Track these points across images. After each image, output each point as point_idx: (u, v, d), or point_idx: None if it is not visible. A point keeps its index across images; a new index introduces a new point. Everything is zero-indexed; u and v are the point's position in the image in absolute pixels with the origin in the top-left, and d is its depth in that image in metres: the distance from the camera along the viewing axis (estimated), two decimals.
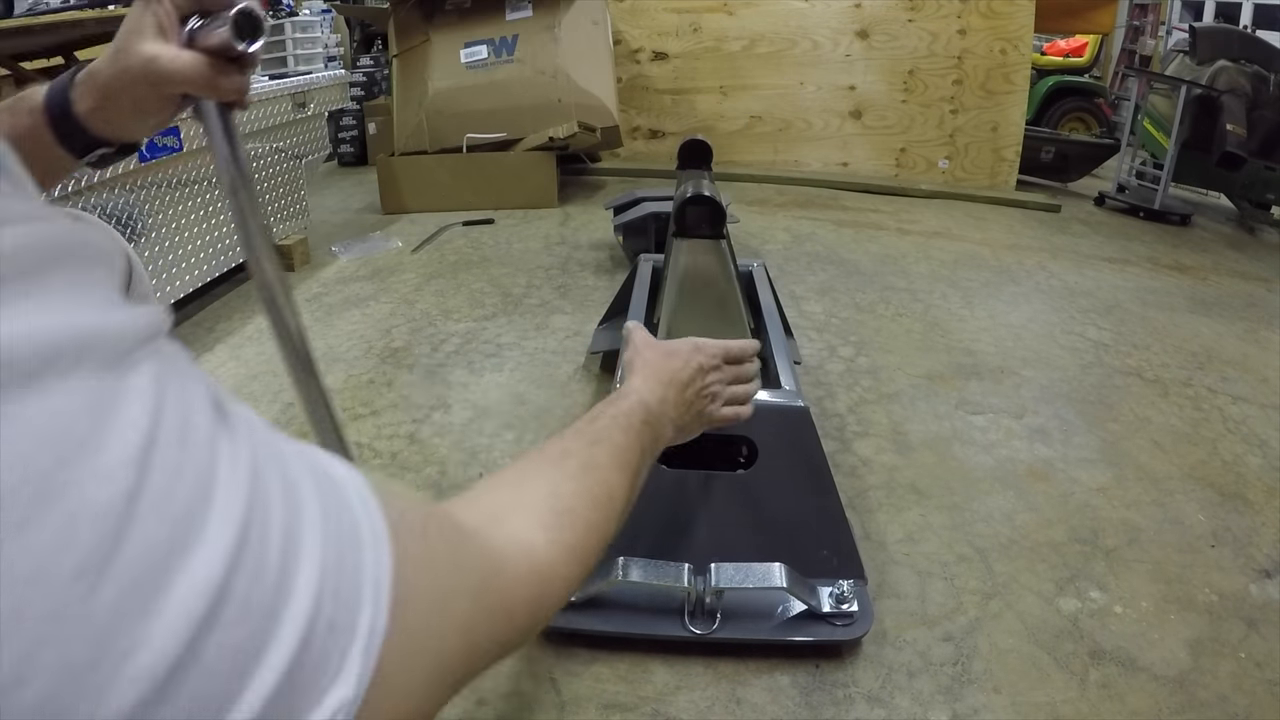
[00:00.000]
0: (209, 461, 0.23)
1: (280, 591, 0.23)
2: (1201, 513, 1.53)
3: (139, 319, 0.23)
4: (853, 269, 2.81)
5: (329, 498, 0.28)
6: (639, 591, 1.17)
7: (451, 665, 0.33)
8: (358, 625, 0.26)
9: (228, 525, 0.22)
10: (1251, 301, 2.79)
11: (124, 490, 0.19)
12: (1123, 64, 7.31)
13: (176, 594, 0.20)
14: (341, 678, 0.25)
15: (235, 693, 0.22)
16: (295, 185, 2.78)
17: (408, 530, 0.31)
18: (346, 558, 0.26)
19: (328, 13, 5.20)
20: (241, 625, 0.22)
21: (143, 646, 0.19)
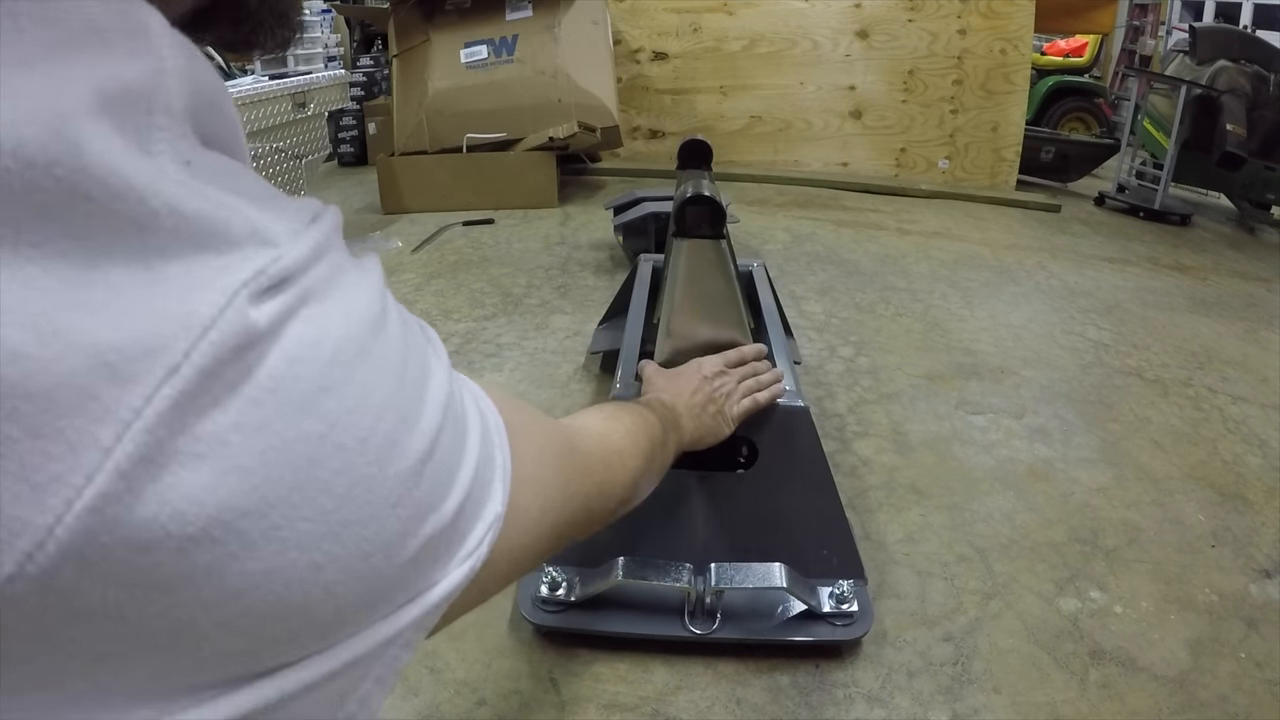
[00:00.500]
0: (420, 334, 0.34)
1: (464, 417, 0.34)
2: (1201, 513, 1.53)
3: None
4: (853, 269, 2.81)
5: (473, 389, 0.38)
6: (639, 591, 1.17)
7: (554, 499, 0.44)
8: (497, 459, 0.36)
9: (442, 363, 0.34)
10: (1251, 301, 2.79)
11: (401, 334, 0.31)
12: (1123, 64, 7.32)
13: (431, 390, 0.31)
14: (492, 496, 0.35)
15: (456, 472, 0.32)
16: (295, 185, 2.78)
17: (508, 406, 0.40)
18: (483, 411, 0.36)
19: (328, 13, 5.19)
20: (455, 426, 0.32)
21: (425, 414, 0.30)
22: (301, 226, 0.28)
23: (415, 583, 0.30)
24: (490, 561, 0.35)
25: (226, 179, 0.26)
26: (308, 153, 2.85)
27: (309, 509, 0.25)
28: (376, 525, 0.27)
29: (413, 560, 0.29)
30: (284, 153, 2.68)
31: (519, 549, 0.40)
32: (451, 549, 0.32)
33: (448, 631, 1.19)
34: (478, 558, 0.34)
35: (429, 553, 0.30)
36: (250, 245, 0.25)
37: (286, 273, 0.26)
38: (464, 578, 0.33)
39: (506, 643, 1.18)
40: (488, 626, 1.20)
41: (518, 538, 0.39)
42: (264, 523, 0.24)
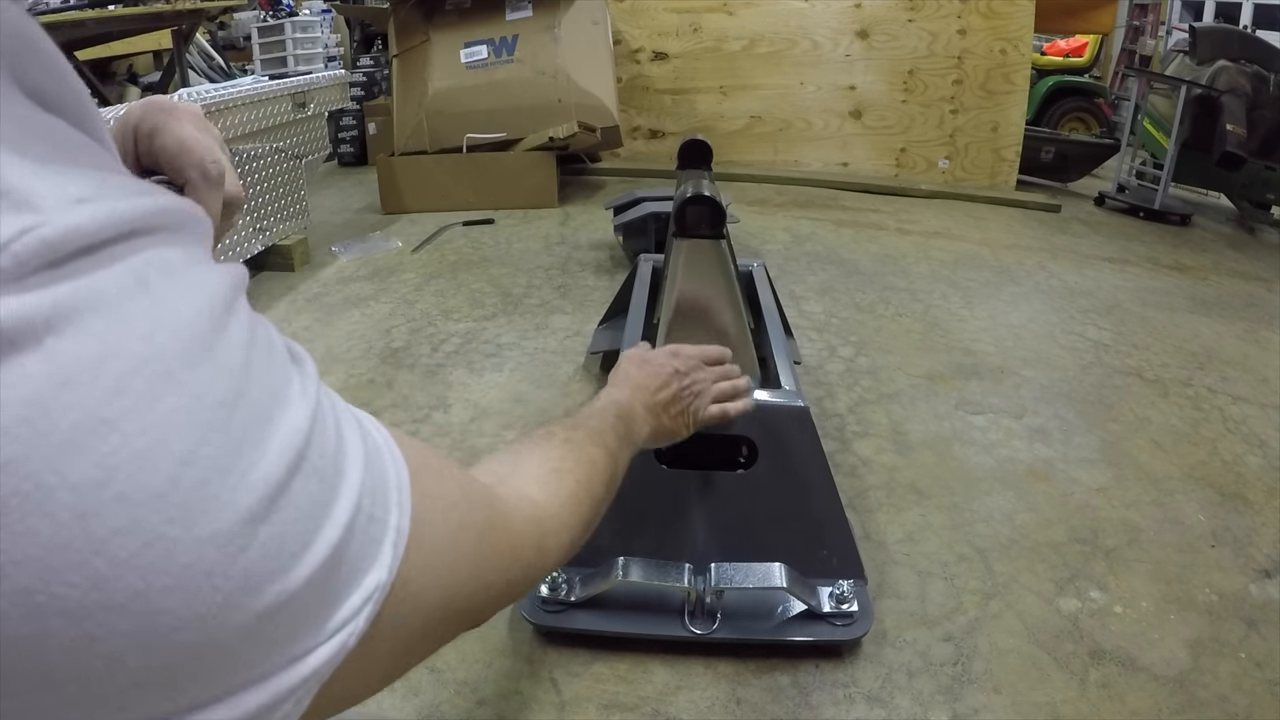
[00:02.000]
0: (284, 362, 0.29)
1: (338, 467, 0.29)
2: (1201, 513, 1.53)
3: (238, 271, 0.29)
4: (853, 269, 2.81)
5: (356, 414, 0.33)
6: (639, 591, 1.17)
7: (461, 590, 0.37)
8: (389, 521, 0.31)
9: (305, 400, 0.28)
10: (1251, 301, 2.79)
11: (242, 360, 0.25)
12: (1123, 64, 7.31)
13: (278, 434, 0.26)
14: (377, 564, 0.30)
15: (312, 535, 0.26)
16: (295, 185, 2.78)
17: (424, 466, 0.35)
18: (374, 464, 0.31)
19: (328, 13, 5.20)
20: (316, 479, 0.27)
21: (259, 464, 0.25)
22: (95, 195, 0.22)
23: (258, 658, 0.25)
24: (371, 641, 0.30)
25: (19, 138, 0.22)
26: (308, 153, 2.85)
27: (74, 573, 0.21)
28: (181, 598, 0.22)
29: (245, 636, 0.24)
30: (284, 153, 2.68)
31: (411, 633, 0.33)
32: (311, 619, 0.27)
33: None
34: (350, 633, 0.28)
35: (274, 626, 0.25)
36: (1, 208, 0.20)
37: (48, 249, 0.20)
38: (331, 655, 0.28)
39: (506, 643, 1.18)
40: (488, 626, 1.20)
41: (410, 618, 0.33)
42: (7, 585, 0.20)
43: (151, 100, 0.46)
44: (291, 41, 4.81)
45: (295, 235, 2.76)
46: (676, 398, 0.93)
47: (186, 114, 0.47)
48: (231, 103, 2.36)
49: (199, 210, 0.27)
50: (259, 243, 2.59)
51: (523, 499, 0.48)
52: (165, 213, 0.25)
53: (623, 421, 0.77)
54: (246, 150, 2.49)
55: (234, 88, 2.52)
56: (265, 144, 2.57)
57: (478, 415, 1.79)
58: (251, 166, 2.54)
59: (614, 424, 0.74)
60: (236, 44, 5.39)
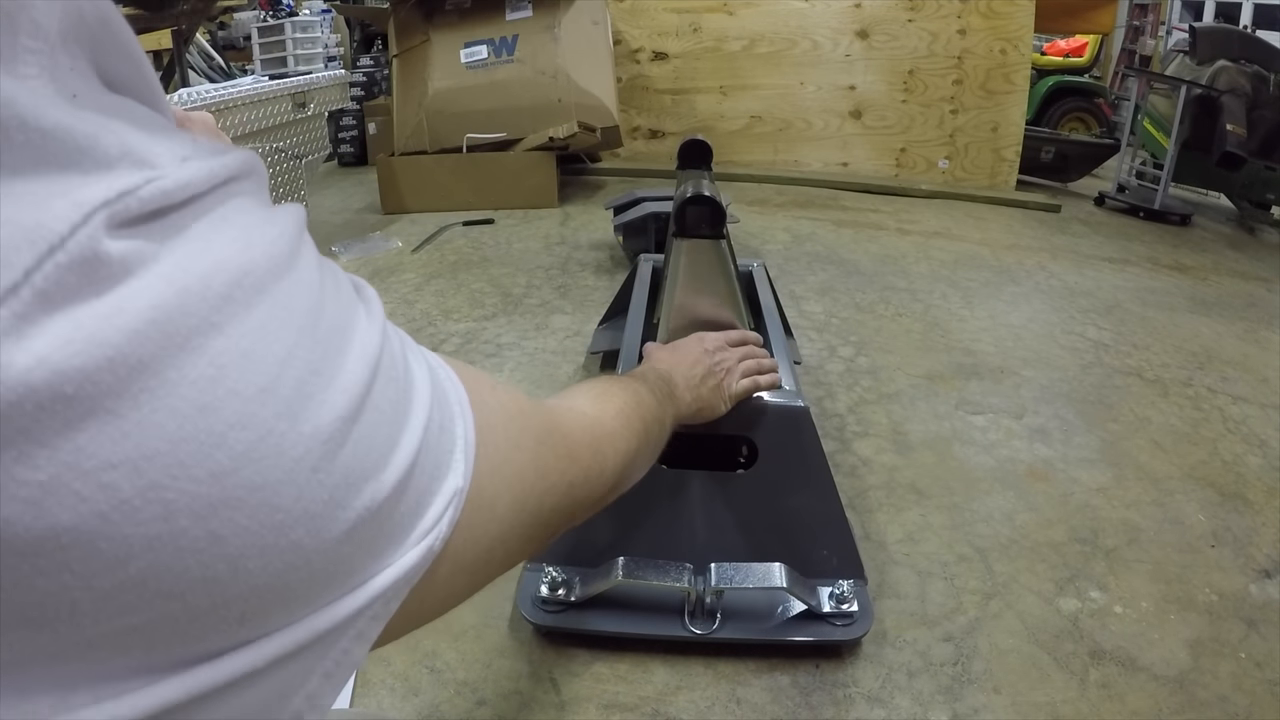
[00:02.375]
0: (348, 287, 0.31)
1: (409, 378, 0.31)
2: (1201, 513, 1.53)
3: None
4: (853, 269, 2.81)
5: (410, 340, 0.34)
6: (639, 591, 1.17)
7: (530, 494, 0.39)
8: (455, 430, 0.33)
9: (373, 318, 0.30)
10: (1251, 301, 2.79)
11: (317, 280, 0.28)
12: (1123, 64, 7.31)
13: (356, 343, 0.28)
14: (452, 471, 0.32)
15: (395, 437, 0.28)
16: (295, 185, 2.78)
17: (477, 381, 0.37)
18: (436, 380, 0.33)
19: (328, 13, 5.19)
20: (393, 386, 0.29)
21: (345, 368, 0.27)
22: (194, 154, 0.25)
23: (358, 564, 0.27)
24: (454, 547, 0.32)
25: (116, 110, 0.24)
26: (308, 153, 2.85)
27: (199, 467, 0.22)
28: (293, 492, 0.24)
29: (348, 536, 0.26)
30: (284, 153, 2.68)
31: (490, 538, 0.36)
32: (401, 525, 0.29)
33: (448, 631, 1.19)
34: (436, 537, 0.30)
35: (371, 529, 0.27)
36: (123, 165, 0.22)
37: (166, 197, 0.23)
38: (420, 559, 0.29)
39: (506, 643, 1.18)
40: (488, 626, 1.20)
41: (486, 525, 0.35)
42: (139, 480, 0.21)
43: None
44: (291, 41, 4.81)
45: None
46: (710, 372, 0.96)
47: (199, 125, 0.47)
48: (231, 103, 2.36)
49: (260, 161, 0.29)
50: None
51: (575, 409, 0.52)
52: (244, 164, 0.27)
53: (664, 382, 0.78)
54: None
55: (234, 88, 2.52)
56: (265, 144, 2.57)
57: None
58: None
59: (655, 382, 0.75)
60: (236, 44, 5.39)
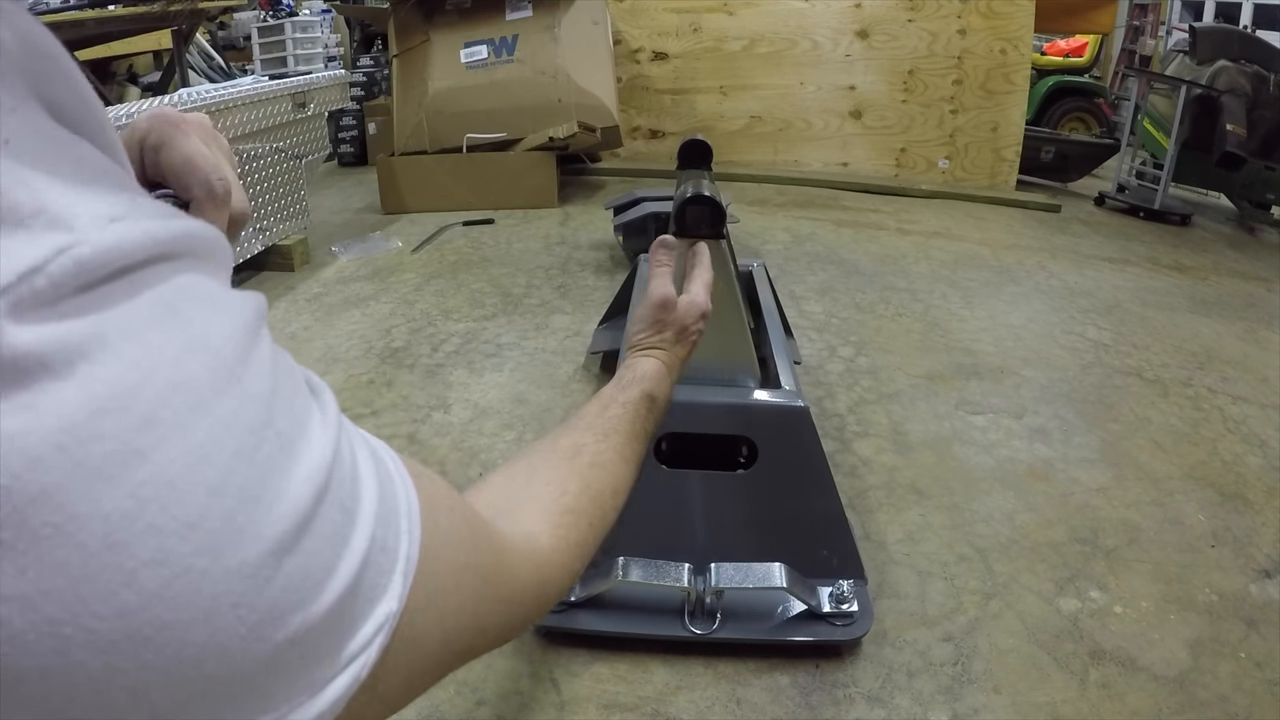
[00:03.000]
0: (305, 391, 0.28)
1: (356, 496, 0.28)
2: (1201, 513, 1.53)
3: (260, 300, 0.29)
4: (853, 269, 2.81)
5: (366, 439, 0.32)
6: (639, 591, 1.17)
7: (462, 630, 0.36)
8: (399, 550, 0.30)
9: (327, 429, 0.27)
10: (1251, 301, 2.79)
11: (268, 388, 0.25)
12: (1123, 64, 7.31)
13: (303, 464, 0.25)
14: (389, 593, 0.29)
15: (334, 564, 0.26)
16: (295, 185, 2.78)
17: (435, 497, 0.34)
18: (387, 492, 0.30)
19: (328, 13, 5.19)
20: (338, 509, 0.27)
21: (286, 494, 0.24)
22: (129, 214, 0.22)
23: (276, 693, 0.25)
24: (379, 674, 0.29)
25: (49, 156, 0.22)
26: (308, 153, 2.84)
27: (103, 605, 0.20)
28: (206, 629, 0.22)
29: (268, 667, 0.24)
30: (284, 153, 2.68)
31: (411, 673, 0.33)
32: (328, 652, 0.27)
33: None
34: (364, 665, 0.28)
35: (294, 657, 0.25)
36: (36, 226, 0.20)
37: (83, 270, 0.20)
38: (346, 689, 0.27)
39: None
40: None
41: (411, 659, 0.32)
42: (33, 615, 0.19)
43: (159, 112, 0.45)
44: (291, 41, 4.81)
45: (295, 235, 2.76)
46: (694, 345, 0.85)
47: (195, 126, 0.46)
48: (231, 103, 2.36)
49: (223, 238, 0.27)
50: (259, 243, 2.59)
51: (528, 543, 0.46)
52: (194, 238, 0.25)
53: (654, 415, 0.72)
54: (246, 150, 2.49)
55: (234, 88, 2.52)
56: (265, 144, 2.57)
57: (478, 415, 1.79)
58: (251, 166, 2.54)
59: (645, 419, 0.69)
60: (236, 44, 5.39)
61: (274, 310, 2.38)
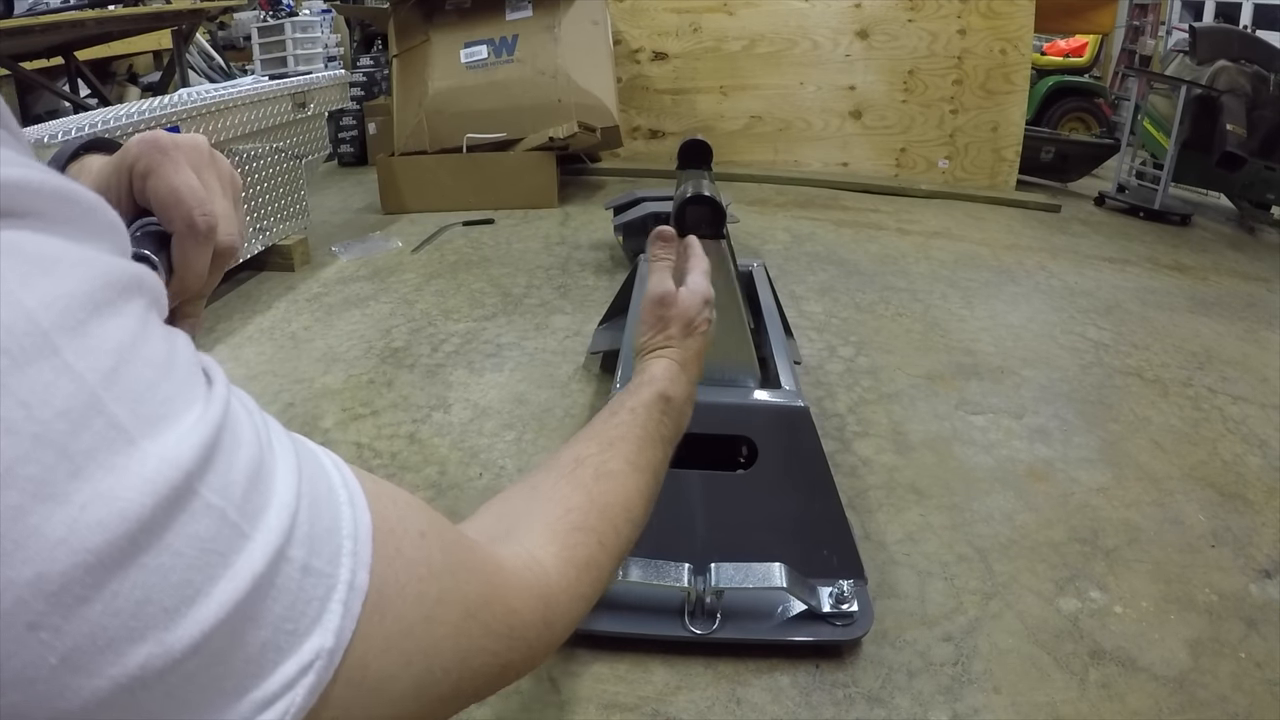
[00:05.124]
0: (184, 379, 0.24)
1: (249, 507, 0.24)
2: (1201, 513, 1.53)
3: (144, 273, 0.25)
4: (853, 269, 2.81)
5: (306, 460, 0.28)
6: (639, 591, 1.17)
7: (442, 673, 0.32)
8: (337, 575, 0.26)
9: (203, 423, 0.23)
10: (1251, 301, 2.79)
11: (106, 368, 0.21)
12: (1123, 64, 7.31)
13: (150, 460, 0.21)
14: (321, 625, 0.25)
15: (198, 588, 0.22)
16: (295, 185, 2.78)
17: (398, 521, 0.30)
18: (319, 507, 0.26)
19: (328, 13, 5.19)
20: (208, 519, 0.22)
21: (115, 495, 0.20)
22: None
23: None
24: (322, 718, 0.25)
25: None
26: (308, 153, 2.84)
27: None
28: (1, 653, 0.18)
29: (109, 707, 0.20)
30: (284, 153, 2.68)
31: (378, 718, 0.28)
32: (218, 696, 0.22)
33: None
34: (286, 711, 0.24)
35: (154, 698, 0.21)
36: None
37: None
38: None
39: None
40: None
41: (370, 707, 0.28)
42: None
43: (151, 138, 0.43)
44: (291, 41, 4.81)
45: (295, 235, 2.76)
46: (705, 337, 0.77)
47: (188, 153, 0.43)
48: (231, 103, 2.36)
49: (95, 200, 0.24)
50: (259, 243, 2.59)
51: (530, 566, 0.40)
52: (37, 195, 0.21)
53: (670, 418, 0.64)
54: (246, 150, 2.49)
55: (234, 88, 2.52)
56: (265, 144, 2.57)
57: (478, 415, 1.79)
58: (251, 166, 2.54)
59: (660, 423, 0.61)
60: (236, 44, 5.39)
61: (274, 310, 2.38)
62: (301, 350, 2.11)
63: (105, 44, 4.00)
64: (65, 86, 3.71)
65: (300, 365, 2.01)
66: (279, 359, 2.05)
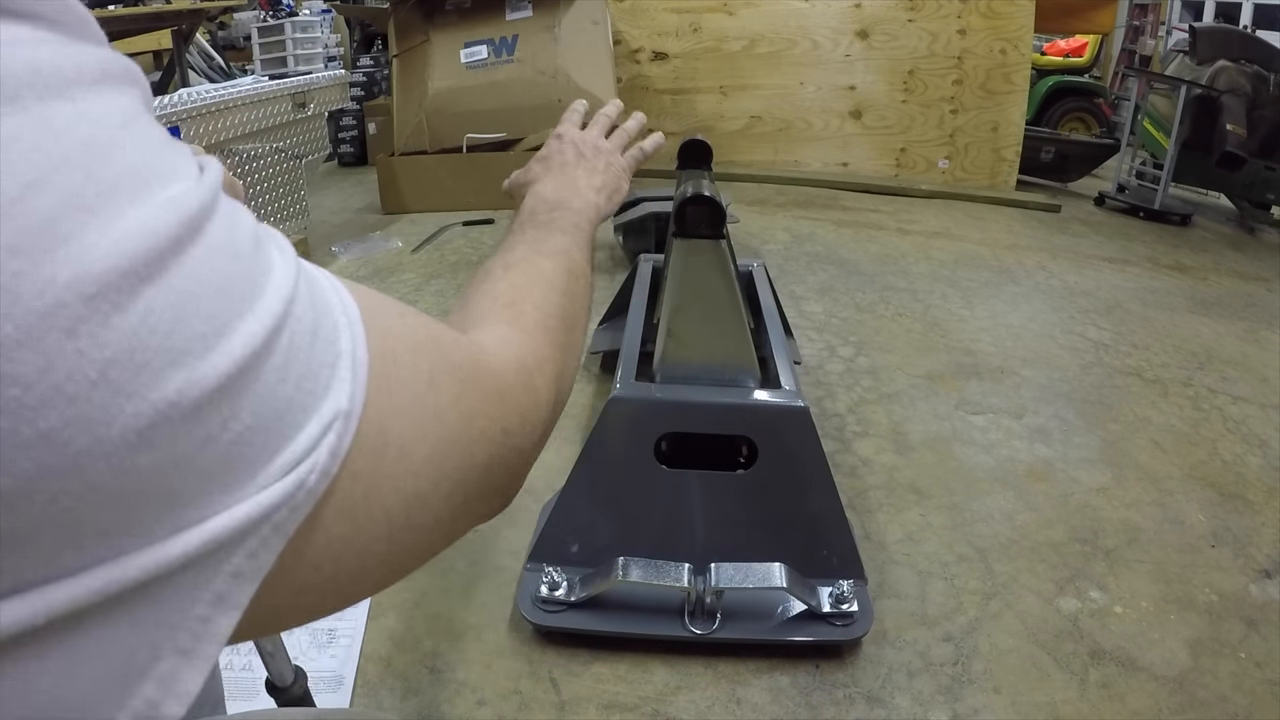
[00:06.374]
0: (186, 156, 0.24)
1: (259, 258, 0.24)
2: (1201, 513, 1.53)
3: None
4: (853, 269, 2.81)
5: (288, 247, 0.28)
6: (639, 591, 1.17)
7: (451, 436, 0.32)
8: (339, 343, 0.26)
9: (201, 187, 0.23)
10: (1251, 301, 2.79)
11: (118, 122, 0.21)
12: (1123, 64, 7.31)
13: (162, 195, 0.21)
14: (334, 389, 0.25)
15: (225, 318, 0.22)
16: (295, 185, 2.78)
17: (379, 303, 0.31)
18: (310, 283, 0.27)
19: (328, 13, 5.19)
20: (225, 256, 0.23)
21: (138, 215, 0.20)
22: None
23: (180, 483, 0.21)
24: (352, 496, 0.26)
25: None
26: (308, 153, 2.84)
27: None
28: (37, 359, 0.18)
29: (145, 440, 0.20)
30: (284, 153, 2.68)
31: (406, 493, 0.29)
32: (246, 443, 0.22)
33: (448, 631, 1.19)
34: (311, 469, 0.24)
35: (187, 438, 0.21)
36: None
37: None
38: (285, 494, 0.23)
39: (506, 643, 1.18)
40: (488, 627, 1.20)
41: (399, 475, 0.29)
42: None
43: None
44: (291, 41, 4.80)
45: (295, 235, 2.76)
46: (609, 166, 0.76)
47: None
48: (231, 103, 2.36)
49: (89, 14, 0.23)
50: None
51: (492, 340, 0.43)
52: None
53: (555, 211, 0.64)
54: (246, 150, 2.49)
55: (234, 88, 2.52)
56: (265, 144, 2.57)
57: None
58: (251, 166, 2.54)
59: (546, 223, 0.62)
60: (236, 44, 5.39)
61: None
62: None
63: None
64: None
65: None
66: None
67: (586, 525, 1.23)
